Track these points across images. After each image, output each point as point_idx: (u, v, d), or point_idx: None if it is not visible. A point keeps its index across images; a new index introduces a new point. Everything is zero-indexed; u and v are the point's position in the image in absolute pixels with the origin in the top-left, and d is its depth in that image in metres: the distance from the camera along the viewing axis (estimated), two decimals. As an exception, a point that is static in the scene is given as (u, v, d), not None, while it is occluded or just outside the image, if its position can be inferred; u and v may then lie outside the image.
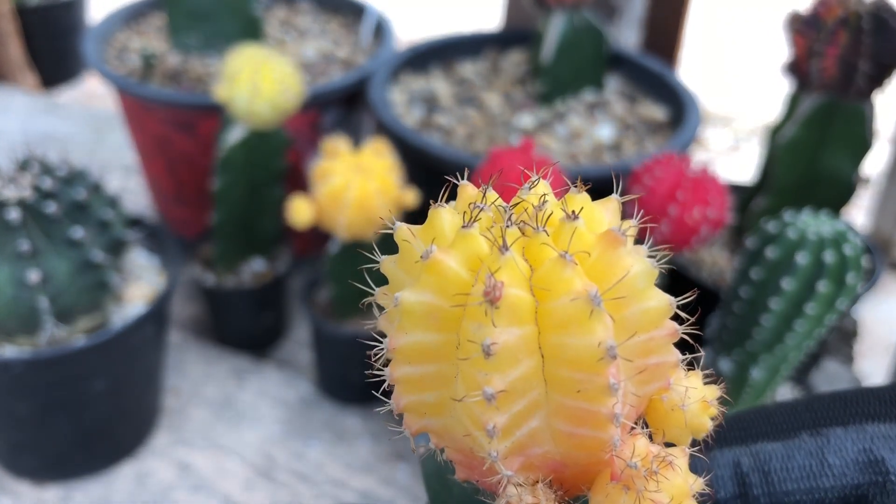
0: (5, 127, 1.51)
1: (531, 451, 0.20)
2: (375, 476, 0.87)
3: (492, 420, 0.19)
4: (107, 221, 0.75)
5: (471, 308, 0.19)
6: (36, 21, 1.86)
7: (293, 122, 0.91)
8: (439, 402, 0.21)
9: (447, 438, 0.22)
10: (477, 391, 0.19)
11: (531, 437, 0.20)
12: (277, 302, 1.01)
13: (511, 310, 0.19)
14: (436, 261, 0.20)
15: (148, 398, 0.88)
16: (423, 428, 0.22)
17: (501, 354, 0.19)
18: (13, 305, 0.71)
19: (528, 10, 1.00)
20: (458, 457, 0.23)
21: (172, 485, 0.85)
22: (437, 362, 0.20)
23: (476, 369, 0.19)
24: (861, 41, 0.73)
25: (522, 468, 0.21)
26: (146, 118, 1.01)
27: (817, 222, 0.69)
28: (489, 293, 0.18)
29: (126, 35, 1.15)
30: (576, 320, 0.19)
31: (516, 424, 0.20)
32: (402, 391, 0.22)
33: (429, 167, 0.85)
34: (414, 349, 0.20)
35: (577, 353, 0.19)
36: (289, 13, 1.24)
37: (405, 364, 0.21)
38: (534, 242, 0.20)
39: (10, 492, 0.84)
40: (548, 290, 0.19)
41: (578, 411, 0.20)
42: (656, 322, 0.20)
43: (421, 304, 0.20)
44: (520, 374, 0.19)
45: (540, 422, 0.20)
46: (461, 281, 0.19)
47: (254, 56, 0.81)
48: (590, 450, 0.20)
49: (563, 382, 0.19)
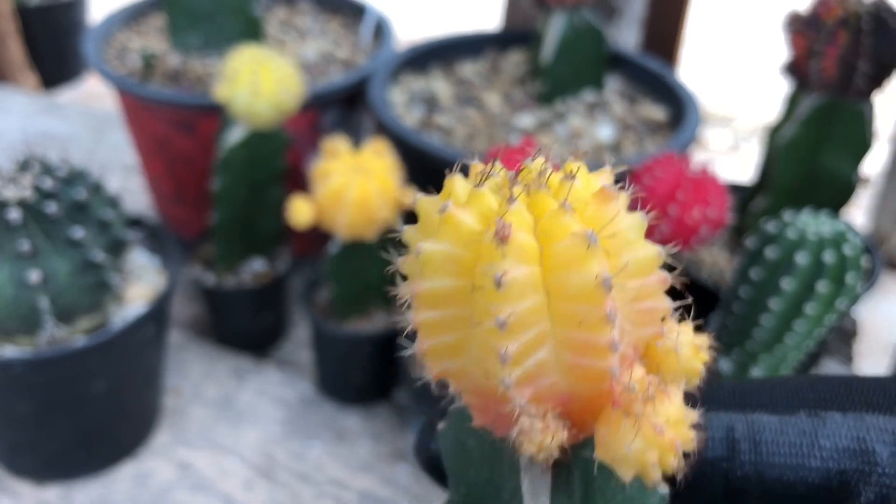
0: (5, 127, 1.51)
1: (540, 381, 0.22)
2: (376, 476, 0.87)
3: (504, 346, 0.21)
4: (107, 221, 0.75)
5: (483, 247, 0.21)
6: (36, 21, 1.86)
7: (293, 122, 0.91)
8: (457, 344, 0.23)
9: (465, 379, 0.24)
10: (490, 319, 0.21)
11: (540, 367, 0.22)
12: (277, 302, 1.01)
13: (518, 250, 0.21)
14: (451, 214, 0.22)
15: (148, 398, 0.88)
16: (443, 371, 0.24)
17: (511, 286, 0.21)
18: (13, 305, 0.71)
19: (528, 11, 1.00)
20: (475, 399, 0.25)
21: (172, 485, 0.85)
22: (455, 306, 0.23)
23: (489, 301, 0.21)
24: (861, 41, 0.73)
25: (533, 399, 0.22)
26: (146, 118, 1.01)
27: (817, 222, 0.69)
28: (499, 232, 0.21)
29: (126, 35, 1.15)
30: (575, 258, 0.21)
31: (526, 353, 0.22)
32: (423, 335, 0.24)
33: (429, 167, 0.85)
34: (434, 294, 0.23)
35: (577, 287, 0.21)
36: (289, 13, 1.25)
37: (426, 309, 0.23)
38: (537, 199, 0.22)
39: (10, 491, 0.84)
40: (550, 235, 0.22)
41: (581, 342, 0.22)
42: (647, 270, 0.22)
43: (439, 252, 0.22)
44: (527, 306, 0.21)
45: (547, 354, 0.22)
46: (474, 231, 0.22)
47: (254, 56, 0.81)
48: (593, 381, 0.23)
49: (566, 317, 0.22)
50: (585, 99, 1.00)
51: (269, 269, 1.00)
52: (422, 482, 0.87)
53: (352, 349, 0.90)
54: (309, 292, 0.94)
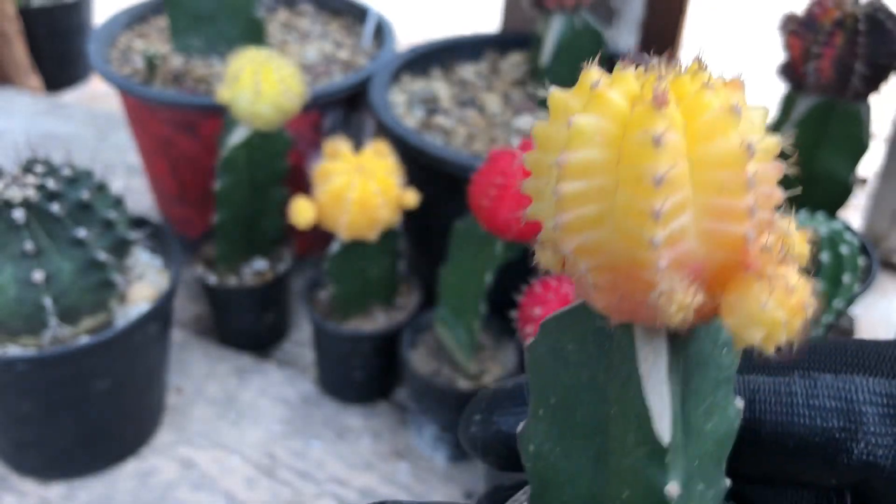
0: (9, 128, 1.52)
1: (680, 246, 0.23)
2: (376, 474, 0.88)
3: (657, 203, 0.22)
4: (111, 221, 0.76)
5: (638, 113, 0.22)
6: (39, 22, 1.86)
7: (295, 123, 0.91)
8: (599, 216, 0.24)
9: (601, 252, 0.24)
10: (646, 177, 0.22)
11: (682, 232, 0.23)
12: (279, 301, 1.02)
13: (671, 118, 0.22)
14: (601, 91, 0.23)
15: (151, 397, 0.89)
16: (580, 245, 0.24)
17: (667, 147, 0.22)
18: (17, 305, 0.72)
19: (527, 13, 1.00)
20: (606, 276, 0.25)
21: (175, 483, 0.86)
22: (601, 176, 0.23)
23: (643, 160, 0.22)
24: (857, 42, 0.74)
25: (672, 264, 0.23)
26: (149, 119, 1.02)
27: (814, 223, 0.69)
28: (657, 98, 0.22)
29: (129, 37, 1.16)
30: (721, 126, 0.22)
31: (673, 214, 0.22)
32: (565, 208, 0.24)
33: (429, 168, 0.85)
34: (580, 165, 0.23)
35: (721, 153, 0.22)
36: (291, 15, 1.25)
37: (571, 180, 0.24)
38: (678, 82, 0.23)
39: (15, 490, 0.85)
40: (694, 110, 0.23)
41: (720, 208, 0.23)
42: (769, 155, 0.24)
43: (589, 124, 0.23)
44: (677, 171, 0.22)
45: (688, 220, 0.23)
46: (622, 107, 0.23)
47: (256, 58, 0.82)
48: (728, 247, 0.23)
49: (707, 184, 0.23)
50: (585, 100, 1.01)
51: (271, 269, 1.00)
52: (422, 480, 0.88)
53: (353, 348, 0.91)
54: (310, 292, 0.95)
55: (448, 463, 0.90)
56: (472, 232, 0.77)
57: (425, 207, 0.85)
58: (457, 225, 0.79)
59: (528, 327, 0.65)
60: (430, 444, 0.90)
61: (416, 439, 0.92)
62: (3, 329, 0.74)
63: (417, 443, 0.92)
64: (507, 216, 0.71)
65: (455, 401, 0.84)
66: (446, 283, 0.84)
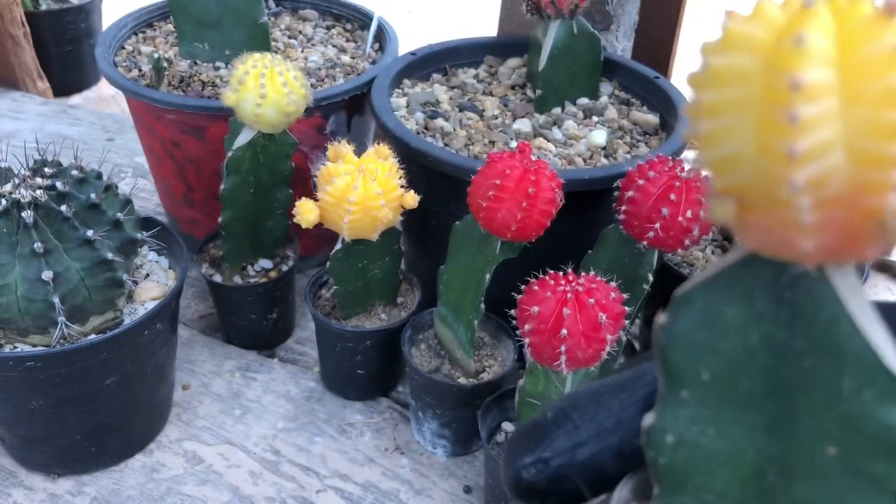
0: (19, 130, 1.54)
1: (825, 190, 0.21)
2: (378, 469, 0.90)
3: (797, 142, 0.21)
4: (118, 221, 0.77)
5: (780, 50, 0.21)
6: (48, 27, 1.88)
7: (299, 126, 0.93)
8: (738, 155, 0.23)
9: (747, 192, 0.23)
10: (782, 116, 0.20)
11: (829, 172, 0.21)
12: (283, 300, 1.04)
13: (816, 54, 0.20)
14: (735, 28, 0.22)
15: (158, 393, 0.90)
16: (726, 186, 0.24)
17: (810, 86, 0.20)
18: (27, 304, 0.73)
19: (525, 18, 1.02)
20: (753, 218, 0.23)
21: (181, 478, 0.88)
22: (740, 113, 0.22)
23: (783, 96, 0.20)
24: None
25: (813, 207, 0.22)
26: (156, 122, 1.04)
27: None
28: (797, 37, 0.20)
29: (136, 41, 1.18)
30: (885, 63, 0.20)
31: (819, 153, 0.21)
32: (705, 147, 0.23)
33: (430, 170, 0.87)
34: (718, 103, 0.23)
35: (881, 92, 0.20)
36: (294, 21, 1.27)
37: (710, 118, 0.23)
38: (836, 7, 0.22)
39: (24, 485, 0.86)
40: (854, 41, 0.21)
41: (871, 152, 0.21)
42: None
43: (725, 63, 0.22)
44: (824, 108, 0.21)
45: (836, 161, 0.21)
46: (763, 41, 0.22)
47: (260, 62, 0.83)
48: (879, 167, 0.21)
49: (858, 124, 0.21)
50: (581, 104, 1.03)
51: (276, 268, 1.02)
52: (423, 475, 0.90)
53: (355, 346, 0.92)
54: (313, 290, 0.97)
55: (448, 458, 0.91)
56: (471, 232, 0.78)
57: (425, 208, 0.87)
58: (456, 225, 0.81)
59: (527, 324, 0.66)
60: (430, 439, 0.91)
61: (417, 435, 0.93)
62: (12, 327, 0.75)
63: (418, 438, 0.93)
64: (506, 217, 0.72)
65: (455, 397, 0.86)
66: (446, 283, 0.85)
